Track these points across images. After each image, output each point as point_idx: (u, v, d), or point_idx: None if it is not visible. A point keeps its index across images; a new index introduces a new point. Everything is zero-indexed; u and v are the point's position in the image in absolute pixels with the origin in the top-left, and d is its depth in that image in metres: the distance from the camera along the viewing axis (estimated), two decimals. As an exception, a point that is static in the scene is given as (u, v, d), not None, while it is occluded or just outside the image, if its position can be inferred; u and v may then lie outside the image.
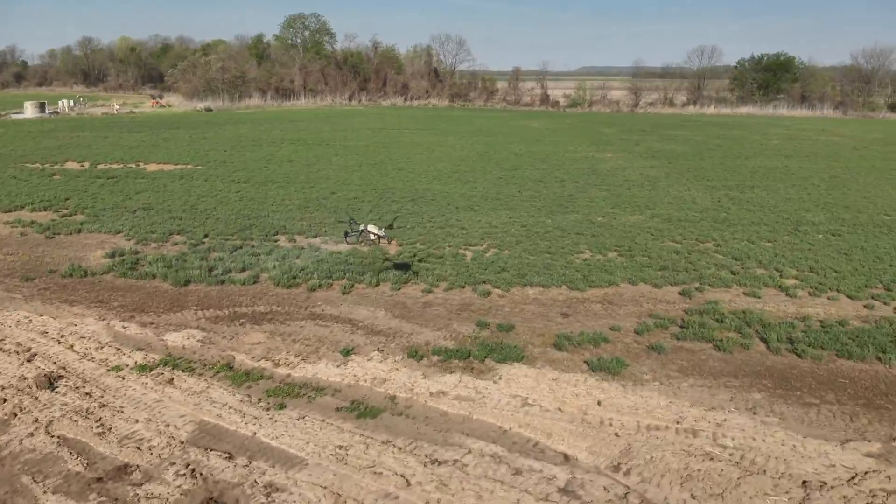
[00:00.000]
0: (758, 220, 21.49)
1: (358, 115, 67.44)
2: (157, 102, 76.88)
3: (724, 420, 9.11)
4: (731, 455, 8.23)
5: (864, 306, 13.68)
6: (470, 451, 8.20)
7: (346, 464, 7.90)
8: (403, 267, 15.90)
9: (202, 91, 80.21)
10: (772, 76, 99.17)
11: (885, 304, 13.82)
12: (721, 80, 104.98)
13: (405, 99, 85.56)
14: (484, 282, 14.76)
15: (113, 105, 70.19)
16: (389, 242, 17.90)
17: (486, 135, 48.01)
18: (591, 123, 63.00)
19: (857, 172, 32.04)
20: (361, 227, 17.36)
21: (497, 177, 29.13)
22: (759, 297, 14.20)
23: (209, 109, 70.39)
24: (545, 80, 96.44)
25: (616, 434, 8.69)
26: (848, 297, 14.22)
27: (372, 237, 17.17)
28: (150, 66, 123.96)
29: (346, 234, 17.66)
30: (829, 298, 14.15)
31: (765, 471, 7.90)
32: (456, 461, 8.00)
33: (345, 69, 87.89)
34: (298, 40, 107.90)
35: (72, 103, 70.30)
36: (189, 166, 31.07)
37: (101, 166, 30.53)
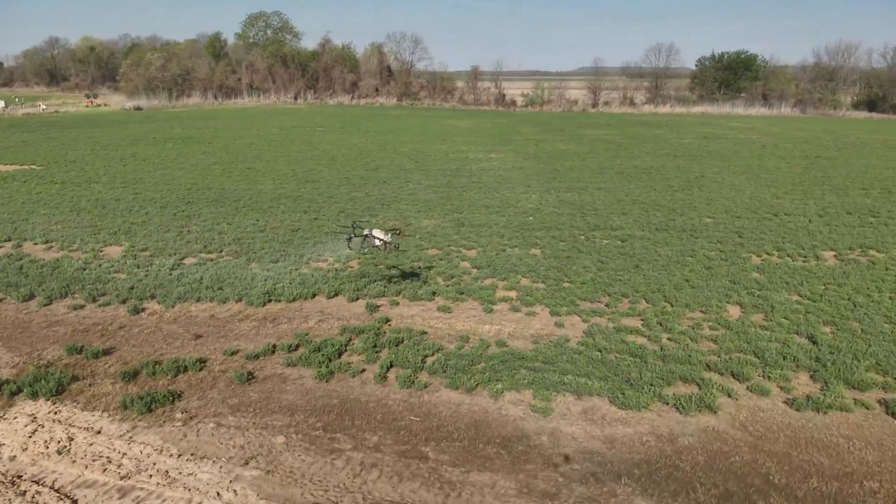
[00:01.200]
0: (562, 223, 19.87)
1: (289, 113, 65.81)
2: (91, 102, 75.26)
3: (189, 473, 7.49)
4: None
5: (555, 324, 12.05)
6: None
7: None
8: (412, 276, 14.74)
9: (143, 90, 78.73)
10: (732, 74, 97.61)
11: (583, 320, 12.17)
12: (683, 78, 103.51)
13: (353, 97, 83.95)
14: (150, 297, 13.13)
15: (39, 105, 68.56)
16: (397, 248, 16.24)
17: (391, 133, 46.40)
18: (520, 123, 61.38)
19: (731, 172, 30.41)
20: (366, 232, 15.63)
21: (335, 178, 27.53)
22: (451, 312, 12.58)
23: (139, 108, 68.81)
24: (500, 80, 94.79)
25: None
26: (551, 312, 12.57)
27: (377, 242, 15.56)
28: (113, 66, 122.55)
29: (349, 238, 15.90)
30: (526, 314, 12.50)
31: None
32: None
33: (292, 67, 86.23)
34: (263, 38, 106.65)
35: (3, 104, 68.72)
36: (26, 167, 29.49)
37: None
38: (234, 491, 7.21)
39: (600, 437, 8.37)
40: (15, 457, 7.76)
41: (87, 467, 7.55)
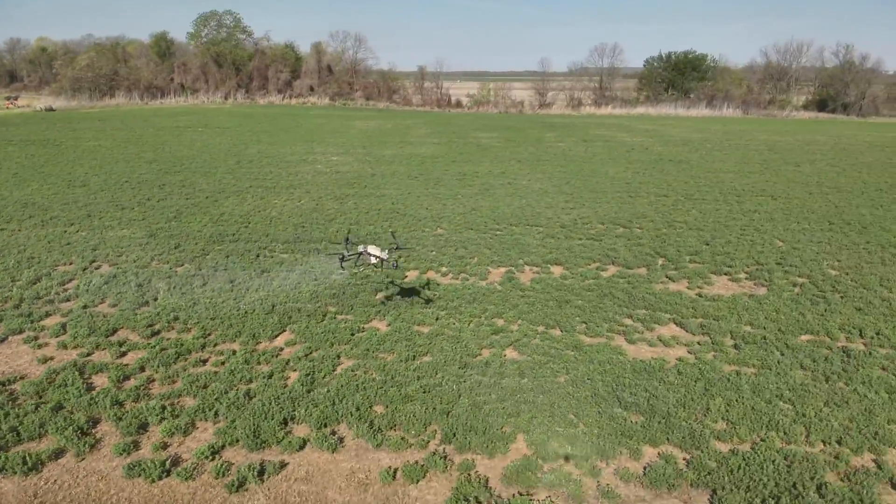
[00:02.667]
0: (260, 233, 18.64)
1: (198, 113, 64.57)
2: (12, 103, 74.19)
3: None
4: None
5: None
6: None
7: None
8: (413, 293, 13.79)
9: (70, 90, 77.76)
10: (679, 75, 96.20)
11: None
12: (632, 79, 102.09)
13: (284, 97, 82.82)
14: None
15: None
16: (396, 267, 14.43)
17: (272, 134, 45.07)
18: (427, 124, 60.04)
19: (553, 179, 29.18)
20: (360, 249, 14.06)
21: (104, 181, 26.35)
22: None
23: (51, 109, 67.71)
24: (440, 81, 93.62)
25: None
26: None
27: (373, 260, 13.89)
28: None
29: (342, 257, 14.20)
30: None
31: None
32: None
33: (226, 67, 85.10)
34: (221, 37, 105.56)
35: None
36: None
37: None
38: None
39: None
40: None
41: None
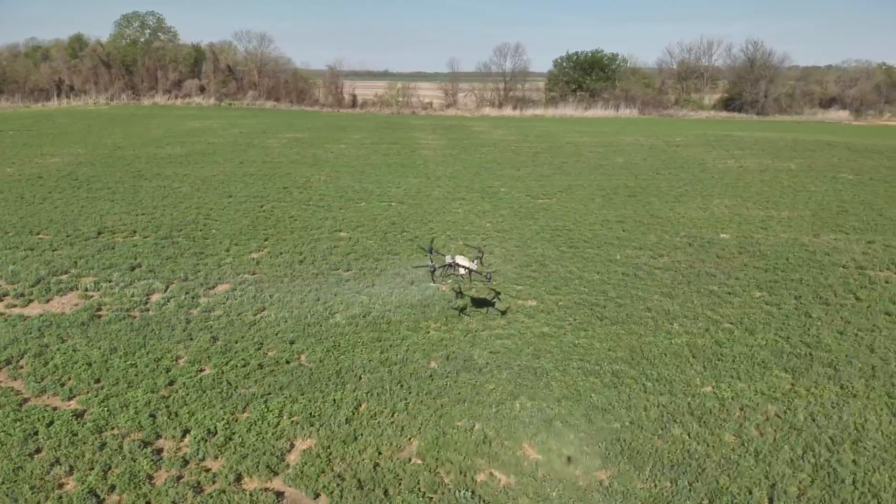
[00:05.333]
0: None
1: (63, 115, 63.65)
2: None
3: None
4: None
5: None
6: None
7: None
8: (485, 303, 13.22)
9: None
10: (584, 75, 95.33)
11: None
12: (540, 80, 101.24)
13: (170, 97, 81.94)
14: None
15: None
16: (489, 279, 13.45)
17: (97, 135, 44.01)
18: (277, 124, 59.06)
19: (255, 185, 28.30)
20: (449, 260, 13.01)
21: None
22: None
23: None
24: (340, 81, 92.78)
25: None
26: None
27: (462, 271, 12.94)
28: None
29: (433, 270, 13.16)
30: None
31: None
32: None
33: (115, 68, 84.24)
34: (142, 39, 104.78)
35: None
36: None
37: None
38: None
39: None
40: None
41: None
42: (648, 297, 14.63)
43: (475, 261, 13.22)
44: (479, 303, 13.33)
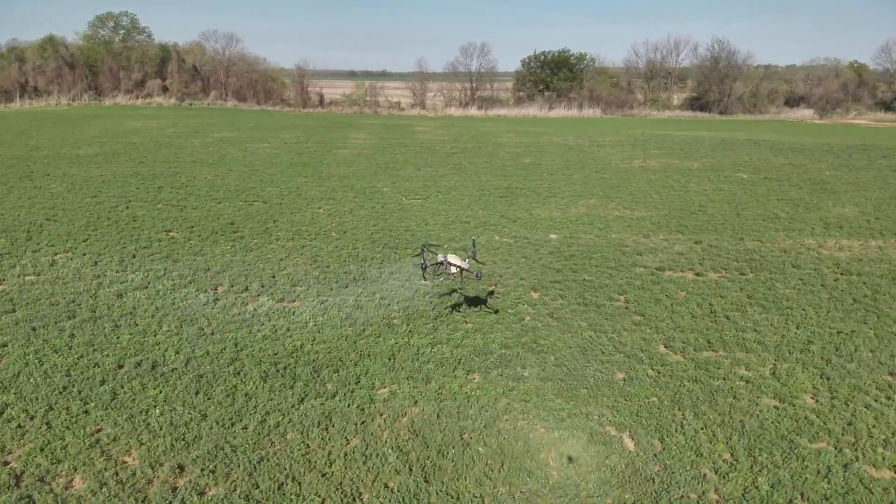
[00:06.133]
0: None
1: (10, 116, 64.03)
2: None
3: None
4: None
5: None
6: None
7: None
8: (478, 302, 13.55)
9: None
10: (551, 74, 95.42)
11: None
12: (507, 79, 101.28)
13: (130, 97, 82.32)
14: None
15: None
16: (479, 278, 13.80)
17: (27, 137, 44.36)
18: (224, 123, 59.28)
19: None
20: (441, 259, 13.39)
21: None
22: None
23: None
24: (306, 80, 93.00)
25: None
26: None
27: (454, 270, 13.35)
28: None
29: (423, 267, 13.67)
30: None
31: None
32: None
33: (79, 68, 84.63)
34: (117, 39, 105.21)
35: None
36: None
37: None
38: None
39: None
40: None
41: None
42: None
43: (466, 260, 13.63)
44: (473, 301, 13.63)
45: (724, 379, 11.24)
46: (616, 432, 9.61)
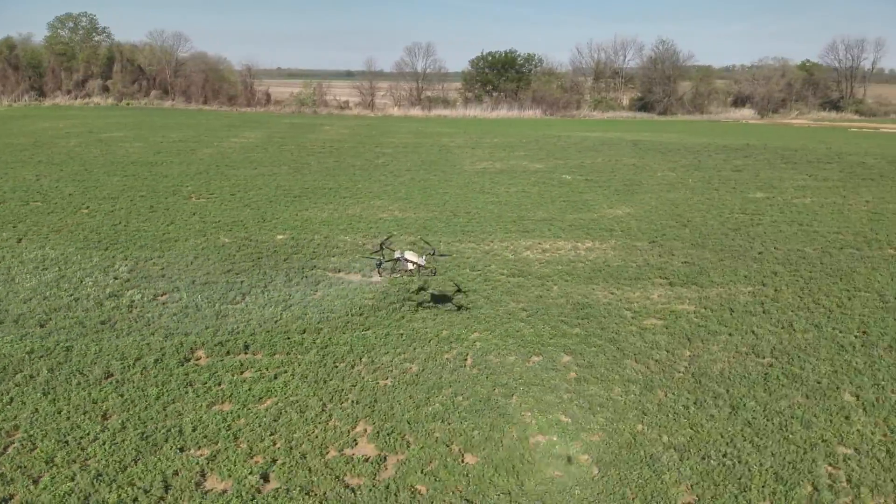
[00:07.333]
0: None
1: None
2: None
3: None
4: None
5: None
6: None
7: None
8: (444, 299, 14.00)
9: None
10: (498, 75, 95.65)
11: None
12: (455, 80, 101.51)
13: (70, 97, 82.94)
14: None
15: None
16: (433, 274, 14.89)
17: None
18: (130, 123, 59.75)
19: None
20: (397, 255, 14.16)
21: None
22: None
23: None
24: (251, 79, 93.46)
25: None
26: None
27: (410, 266, 14.19)
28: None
29: (379, 263, 14.48)
30: None
31: None
32: None
33: (22, 69, 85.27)
34: (76, 39, 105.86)
35: None
36: None
37: None
38: None
39: None
40: None
41: None
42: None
43: (423, 256, 14.17)
44: (439, 299, 13.99)
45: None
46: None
